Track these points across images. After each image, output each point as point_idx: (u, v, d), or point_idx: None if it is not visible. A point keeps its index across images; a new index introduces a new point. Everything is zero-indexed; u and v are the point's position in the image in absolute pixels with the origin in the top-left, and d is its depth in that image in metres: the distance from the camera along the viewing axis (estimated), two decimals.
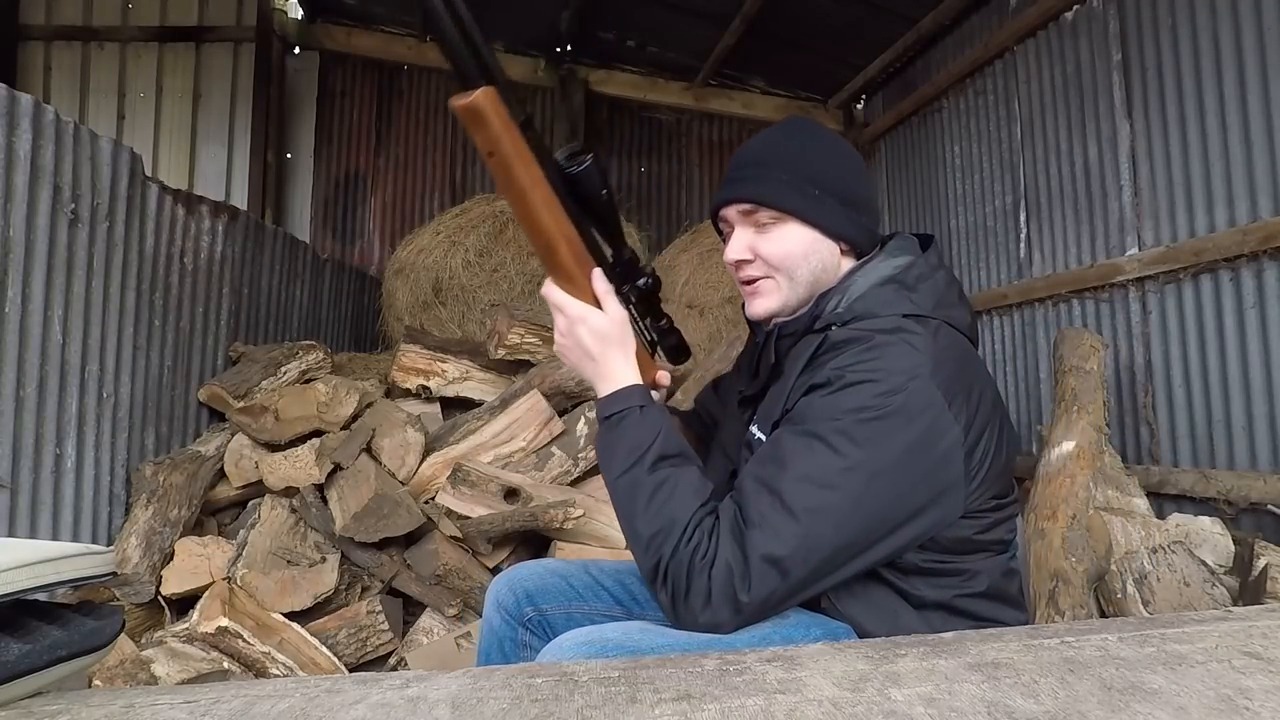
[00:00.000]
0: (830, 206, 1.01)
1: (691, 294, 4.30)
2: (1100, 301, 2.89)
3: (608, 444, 0.96)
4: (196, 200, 2.80)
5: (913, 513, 0.86)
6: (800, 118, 1.12)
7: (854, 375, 0.87)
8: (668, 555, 0.84)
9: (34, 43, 5.07)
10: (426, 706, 0.58)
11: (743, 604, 0.81)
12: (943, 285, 1.00)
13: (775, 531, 0.82)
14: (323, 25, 5.28)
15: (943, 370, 0.88)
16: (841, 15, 4.03)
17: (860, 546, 0.85)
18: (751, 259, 1.03)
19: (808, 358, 0.95)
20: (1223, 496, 2.35)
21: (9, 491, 1.96)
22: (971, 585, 0.94)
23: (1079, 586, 1.85)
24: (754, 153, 1.04)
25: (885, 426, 0.84)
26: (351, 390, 2.61)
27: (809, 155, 1.02)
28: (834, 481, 0.83)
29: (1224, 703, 0.55)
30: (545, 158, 0.91)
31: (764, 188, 1.01)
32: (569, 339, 0.99)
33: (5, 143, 1.94)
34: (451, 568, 2.19)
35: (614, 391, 0.97)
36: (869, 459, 0.83)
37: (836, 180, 1.02)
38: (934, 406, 0.86)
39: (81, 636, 0.68)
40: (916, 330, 0.91)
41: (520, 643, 1.15)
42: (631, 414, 0.95)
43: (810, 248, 1.02)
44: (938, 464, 0.86)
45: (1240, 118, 2.35)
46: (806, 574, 0.83)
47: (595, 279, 0.98)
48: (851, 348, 0.90)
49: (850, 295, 0.99)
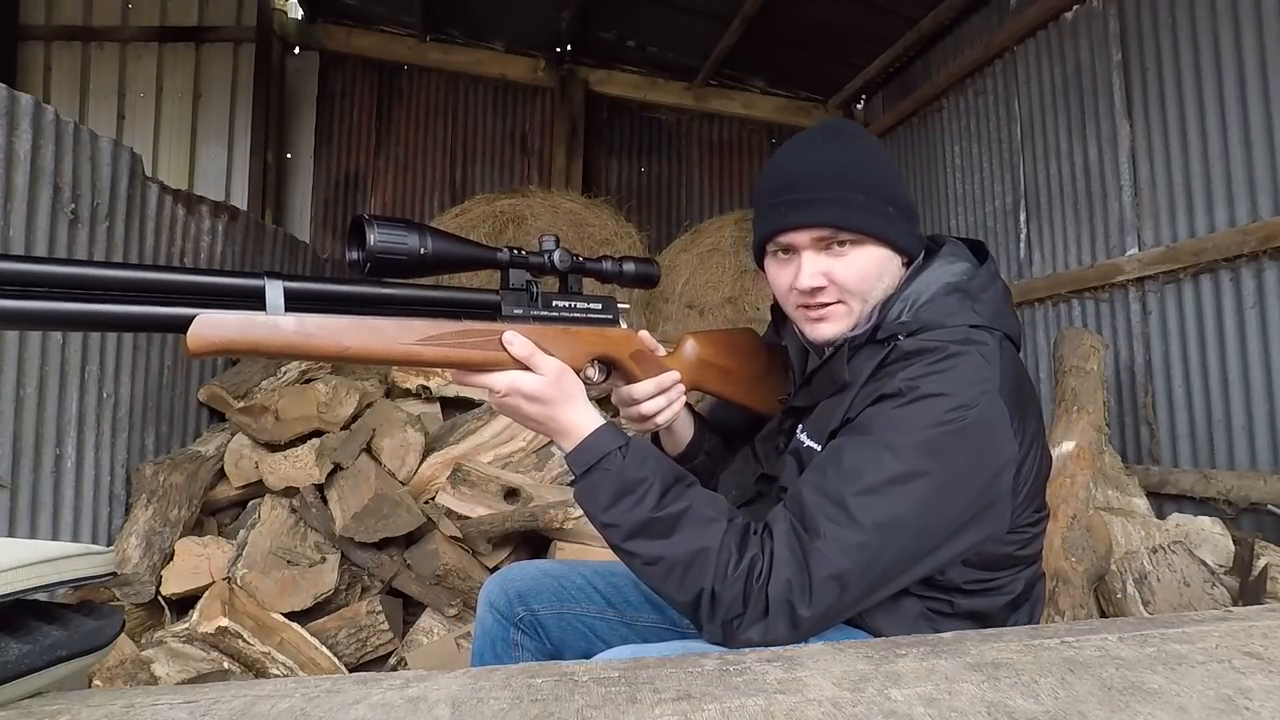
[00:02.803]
0: (900, 222, 0.98)
1: (691, 294, 4.30)
2: (1100, 301, 2.89)
3: (594, 494, 0.89)
4: (196, 200, 2.80)
5: (966, 528, 0.84)
6: (845, 123, 1.06)
7: (928, 387, 0.85)
8: (709, 582, 0.80)
9: (34, 43, 5.06)
10: (426, 706, 0.58)
11: (802, 619, 0.78)
12: (1001, 296, 0.98)
13: (841, 545, 0.79)
14: (323, 25, 5.27)
15: (1008, 385, 0.87)
16: (841, 15, 4.03)
17: (915, 561, 0.83)
18: (825, 285, 0.98)
19: (874, 368, 0.93)
20: (1223, 496, 2.35)
21: (9, 491, 1.96)
22: (1004, 596, 0.93)
23: (1079, 586, 1.85)
24: (817, 171, 0.97)
25: (958, 441, 0.82)
26: (351, 390, 2.61)
27: (877, 170, 0.98)
28: (903, 495, 0.81)
29: (1224, 703, 0.55)
30: (321, 298, 0.80)
31: (845, 212, 0.95)
32: (511, 411, 0.92)
33: (5, 143, 1.94)
34: (451, 568, 2.19)
35: (580, 443, 0.90)
36: (940, 473, 0.81)
37: (901, 193, 0.99)
38: (1002, 422, 0.84)
39: (81, 636, 0.68)
40: (986, 342, 0.89)
41: (512, 643, 1.16)
42: (613, 458, 0.88)
43: (883, 267, 0.98)
44: (994, 480, 0.84)
45: (1240, 118, 2.35)
46: (864, 589, 0.81)
47: (509, 344, 0.89)
48: (923, 359, 0.88)
49: (914, 303, 0.96)
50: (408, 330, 0.84)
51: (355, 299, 0.84)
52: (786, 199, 0.97)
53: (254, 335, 0.76)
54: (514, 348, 0.89)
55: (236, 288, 0.76)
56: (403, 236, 0.84)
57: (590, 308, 1.02)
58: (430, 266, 0.86)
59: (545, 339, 0.93)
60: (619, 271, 1.06)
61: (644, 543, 0.84)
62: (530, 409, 0.90)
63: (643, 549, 0.85)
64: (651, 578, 0.85)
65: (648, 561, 0.84)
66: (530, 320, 0.94)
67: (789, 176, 0.99)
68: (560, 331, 0.96)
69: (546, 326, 0.95)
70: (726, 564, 0.80)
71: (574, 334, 0.98)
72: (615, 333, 1.03)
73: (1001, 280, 1.00)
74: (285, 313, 0.77)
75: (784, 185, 0.99)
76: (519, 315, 0.94)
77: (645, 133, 5.51)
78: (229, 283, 0.76)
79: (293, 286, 0.78)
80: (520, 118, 5.40)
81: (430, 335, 0.85)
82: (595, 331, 1.00)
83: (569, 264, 0.98)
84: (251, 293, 0.77)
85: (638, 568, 0.86)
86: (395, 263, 0.83)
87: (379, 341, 0.82)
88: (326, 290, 0.82)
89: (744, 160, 5.51)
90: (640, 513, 0.85)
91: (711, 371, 1.13)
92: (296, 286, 0.79)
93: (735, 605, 0.79)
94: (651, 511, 0.84)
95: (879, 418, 0.86)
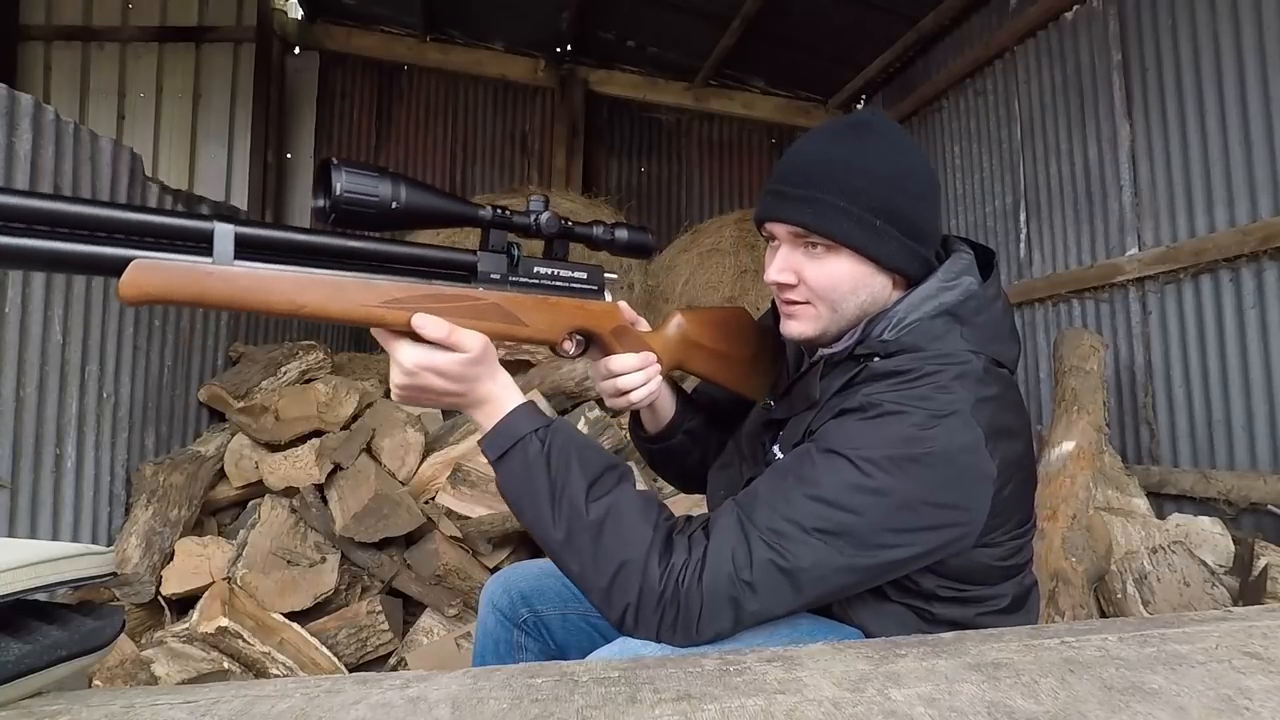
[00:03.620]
0: (890, 240, 0.90)
1: (691, 294, 4.30)
2: (1100, 301, 2.89)
3: (512, 487, 0.83)
4: (196, 200, 2.80)
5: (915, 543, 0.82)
6: (867, 118, 0.96)
7: (892, 405, 0.82)
8: (635, 596, 0.77)
9: (34, 43, 5.06)
10: (426, 706, 0.58)
11: (746, 612, 0.78)
12: (998, 318, 0.93)
13: (790, 548, 0.78)
14: (323, 25, 5.28)
15: (984, 407, 0.83)
16: (841, 15, 4.03)
17: (873, 572, 0.82)
18: (795, 283, 0.94)
19: (842, 384, 0.91)
20: (1223, 496, 2.35)
21: (9, 491, 1.96)
22: (993, 604, 0.92)
23: (1079, 586, 1.85)
24: (811, 165, 0.92)
25: (919, 458, 0.80)
26: (351, 390, 2.61)
27: (874, 176, 0.90)
28: (857, 506, 0.79)
29: (1224, 703, 0.55)
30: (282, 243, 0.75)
31: (818, 214, 0.90)
32: (416, 391, 0.83)
33: (5, 143, 1.93)
34: (451, 568, 2.19)
35: (495, 425, 0.84)
36: (899, 489, 0.79)
37: (902, 207, 0.91)
38: (972, 443, 0.81)
39: (81, 636, 0.68)
40: (961, 363, 0.86)
41: (515, 644, 1.14)
42: (529, 444, 0.82)
43: (860, 282, 0.92)
44: (964, 498, 0.82)
45: (1240, 118, 2.35)
46: (808, 592, 0.80)
47: (419, 328, 0.79)
48: (891, 379, 0.85)
49: (899, 324, 0.91)
50: (370, 290, 0.77)
51: (314, 250, 0.76)
52: (775, 187, 0.94)
53: (198, 284, 0.69)
54: (426, 330, 0.80)
55: (182, 229, 0.69)
56: (374, 185, 0.76)
57: (575, 276, 0.94)
58: (403, 220, 0.79)
59: (521, 307, 0.88)
60: (610, 239, 0.97)
61: (565, 551, 0.80)
62: (443, 385, 0.82)
63: (563, 556, 0.81)
64: (580, 587, 0.81)
65: (573, 571, 0.81)
66: (508, 286, 0.88)
67: (787, 164, 0.95)
68: (538, 300, 0.90)
69: (524, 294, 0.89)
70: (655, 573, 0.77)
71: (553, 304, 0.91)
72: (597, 305, 0.95)
73: (1003, 300, 0.96)
74: (235, 261, 0.71)
75: (780, 172, 0.95)
76: (496, 280, 0.87)
77: (645, 133, 5.52)
78: (173, 223, 0.69)
79: (245, 232, 0.72)
80: (520, 118, 5.40)
81: (395, 298, 0.78)
82: (576, 303, 0.93)
83: (556, 228, 0.91)
84: (199, 235, 0.70)
85: (570, 575, 0.82)
86: (364, 214, 0.76)
87: (338, 300, 0.76)
88: (283, 239, 0.75)
89: (744, 160, 5.52)
90: (560, 514, 0.80)
91: (698, 352, 1.07)
92: (249, 232, 0.72)
93: (665, 612, 0.77)
94: (580, 512, 0.79)
95: (839, 429, 0.84)
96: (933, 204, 0.95)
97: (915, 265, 0.93)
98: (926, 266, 0.94)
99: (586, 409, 2.56)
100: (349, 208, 0.75)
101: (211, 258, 0.70)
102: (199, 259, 0.69)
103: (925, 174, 0.95)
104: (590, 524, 0.79)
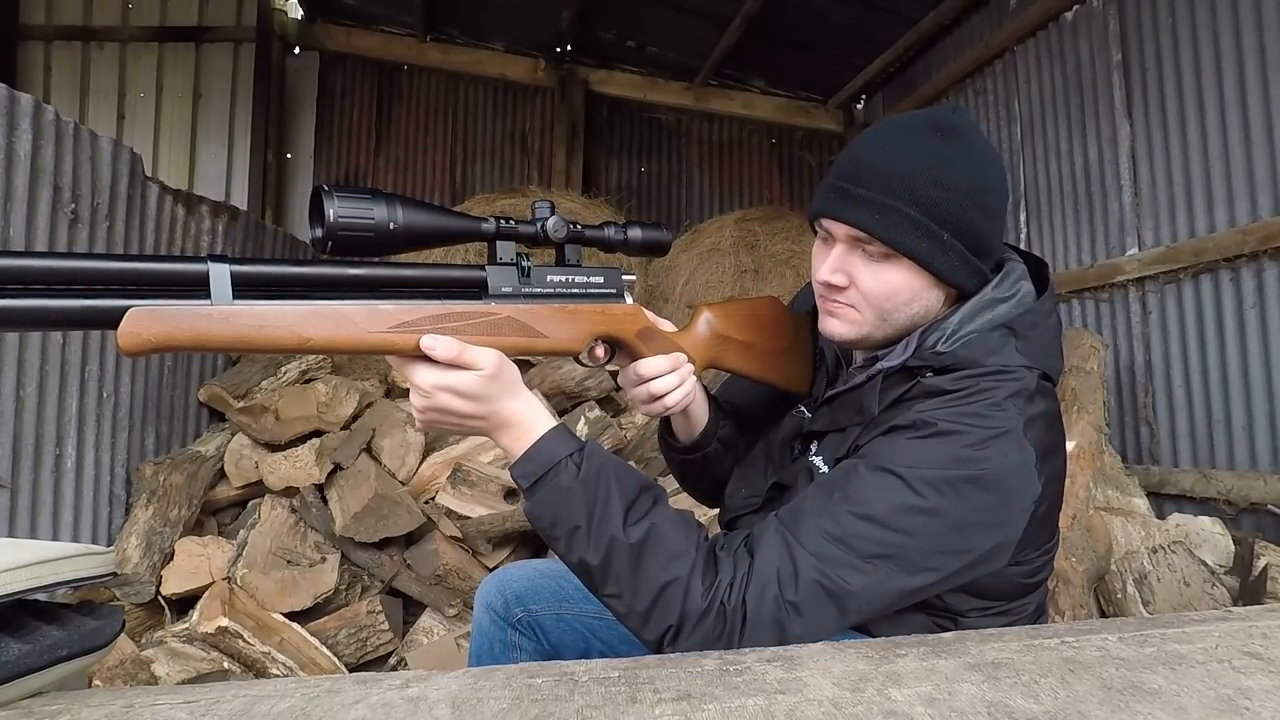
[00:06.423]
0: (955, 255, 0.87)
1: (691, 294, 4.29)
2: (1100, 301, 2.89)
3: (545, 512, 0.80)
4: (196, 200, 2.80)
5: (963, 566, 0.81)
6: (950, 120, 0.90)
7: (946, 425, 0.80)
8: (678, 617, 0.75)
9: (34, 43, 5.06)
10: (426, 706, 0.58)
11: (791, 635, 0.75)
12: (1052, 334, 0.91)
13: (837, 568, 0.76)
14: (323, 25, 5.27)
15: (1036, 425, 0.82)
16: (841, 15, 4.03)
17: (919, 594, 0.81)
18: (846, 285, 0.90)
19: (893, 399, 0.87)
20: (1223, 496, 2.35)
21: (9, 491, 1.96)
22: (1017, 615, 0.91)
23: (1079, 586, 1.85)
24: (883, 165, 0.87)
25: (974, 479, 0.78)
26: (351, 390, 2.61)
27: (951, 188, 0.85)
28: (909, 527, 0.77)
29: (1224, 703, 0.55)
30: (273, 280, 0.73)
31: (885, 221, 0.85)
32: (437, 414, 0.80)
33: (5, 143, 1.94)
34: (451, 568, 2.19)
35: (526, 451, 0.81)
36: (951, 510, 0.78)
37: (975, 223, 0.87)
38: (1024, 463, 0.80)
39: (81, 636, 0.68)
40: (1016, 379, 0.84)
41: (510, 644, 1.14)
42: (563, 469, 0.79)
43: (916, 294, 0.89)
44: (1007, 518, 0.81)
45: (1240, 118, 2.35)
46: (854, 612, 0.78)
47: (429, 349, 0.76)
48: (945, 396, 0.83)
49: (954, 337, 0.88)
50: (377, 316, 0.75)
51: (315, 281, 0.74)
52: (839, 184, 0.89)
53: (198, 327, 0.67)
54: (437, 351, 0.76)
55: (177, 274, 0.69)
56: (368, 208, 0.73)
57: (591, 281, 0.89)
58: (402, 242, 0.76)
59: (538, 319, 0.84)
60: (624, 240, 0.93)
61: (600, 572, 0.78)
62: (462, 406, 0.79)
63: (599, 580, 0.79)
64: (617, 613, 0.79)
65: (610, 594, 0.79)
66: (521, 298, 0.84)
67: (854, 160, 0.90)
68: (556, 310, 0.86)
69: (540, 305, 0.85)
70: (698, 593, 0.76)
71: (571, 312, 0.87)
72: (619, 309, 0.91)
73: (1056, 314, 0.94)
74: (234, 301, 0.69)
75: (847, 168, 0.90)
76: (508, 293, 0.83)
77: (645, 133, 5.51)
78: (167, 269, 0.69)
79: (241, 270, 0.70)
80: (520, 118, 5.40)
81: (404, 321, 0.76)
82: (596, 308, 0.89)
83: (565, 233, 0.87)
84: (195, 279, 0.68)
85: (608, 600, 0.80)
86: (361, 239, 0.74)
87: (345, 330, 0.73)
88: (281, 273, 0.73)
89: (744, 160, 5.51)
90: (601, 539, 0.77)
91: (732, 348, 1.01)
92: (245, 270, 0.70)
93: (708, 632, 0.75)
94: (619, 535, 0.77)
95: (890, 447, 0.81)
96: (1004, 220, 0.92)
97: (970, 279, 0.90)
98: (984, 281, 0.91)
99: (586, 409, 2.56)
100: (345, 234, 0.73)
101: (210, 300, 0.68)
102: (197, 303, 0.68)
103: (1003, 191, 0.91)
104: (629, 547, 0.77)
